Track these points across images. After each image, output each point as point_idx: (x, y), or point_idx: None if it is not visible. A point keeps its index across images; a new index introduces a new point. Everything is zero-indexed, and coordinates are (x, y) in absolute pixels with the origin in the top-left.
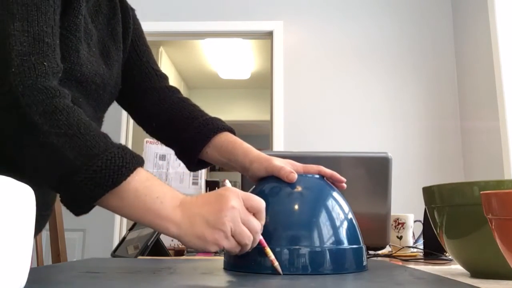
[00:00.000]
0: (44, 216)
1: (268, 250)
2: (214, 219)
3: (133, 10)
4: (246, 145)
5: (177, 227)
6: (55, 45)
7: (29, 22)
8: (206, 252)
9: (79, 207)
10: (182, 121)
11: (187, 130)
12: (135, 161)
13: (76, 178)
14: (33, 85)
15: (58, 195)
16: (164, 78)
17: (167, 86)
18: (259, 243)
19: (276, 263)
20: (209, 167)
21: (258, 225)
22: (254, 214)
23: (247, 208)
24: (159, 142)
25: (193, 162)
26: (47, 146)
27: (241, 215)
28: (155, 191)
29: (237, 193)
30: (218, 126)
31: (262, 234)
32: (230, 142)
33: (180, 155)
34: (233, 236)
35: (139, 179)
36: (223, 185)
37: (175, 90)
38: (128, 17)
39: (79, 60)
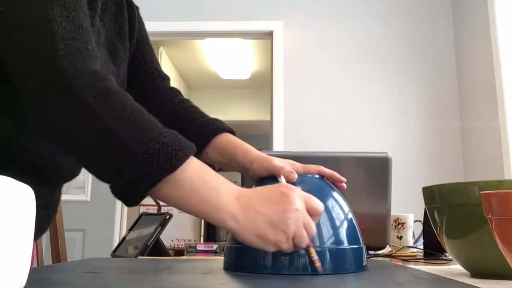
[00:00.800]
0: (50, 216)
1: (312, 250)
2: (278, 219)
3: (137, 8)
4: (246, 146)
5: (235, 221)
6: (91, 32)
7: (67, 8)
8: (209, 252)
9: (134, 195)
10: (183, 122)
11: (188, 131)
12: (189, 147)
13: (132, 162)
14: (82, 67)
15: (62, 195)
16: (166, 79)
17: (169, 88)
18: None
19: (319, 264)
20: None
21: (315, 228)
22: (311, 216)
23: (307, 210)
24: None
25: None
26: (102, 129)
27: (303, 218)
28: (211, 182)
29: (300, 193)
30: (218, 127)
31: None
32: (230, 143)
33: None
34: (292, 238)
35: (193, 168)
36: (279, 181)
37: (176, 92)
38: (134, 15)
39: None
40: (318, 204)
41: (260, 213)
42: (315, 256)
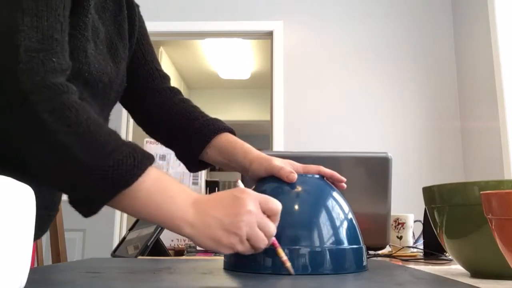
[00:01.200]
0: (50, 216)
1: (280, 250)
2: (230, 222)
3: (138, 6)
4: (246, 146)
5: (190, 227)
6: (64, 42)
7: (39, 18)
8: (209, 252)
9: (89, 209)
10: (183, 122)
11: (188, 131)
12: (146, 160)
13: (87, 179)
14: (41, 82)
15: (62, 195)
16: (167, 78)
17: (169, 87)
18: (272, 244)
19: (289, 264)
20: (209, 167)
21: (273, 228)
22: (269, 217)
23: (263, 211)
24: (159, 142)
25: (193, 163)
26: (57, 145)
27: (258, 219)
28: (168, 190)
29: (254, 196)
30: (218, 127)
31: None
32: (230, 143)
33: (180, 156)
34: (248, 240)
35: (150, 178)
36: (237, 186)
37: (176, 91)
38: (134, 14)
39: (87, 59)
40: (275, 204)
41: (213, 217)
42: (284, 257)
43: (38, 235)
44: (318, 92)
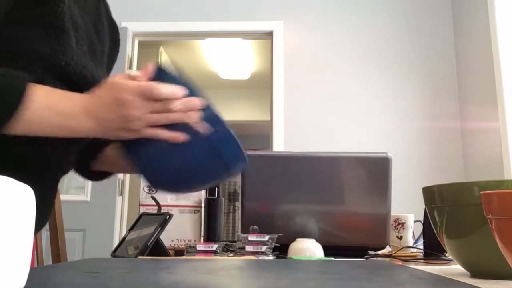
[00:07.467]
0: (48, 212)
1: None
2: (124, 125)
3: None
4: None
5: (93, 132)
6: None
7: None
8: (209, 252)
9: None
10: None
11: None
12: (21, 83)
13: None
14: None
15: (61, 195)
16: None
17: None
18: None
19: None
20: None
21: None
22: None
23: (155, 100)
24: None
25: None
26: None
27: (146, 111)
28: (57, 108)
29: (134, 91)
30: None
31: None
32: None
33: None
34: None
35: (37, 101)
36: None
37: None
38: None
39: (61, 48)
40: (159, 90)
41: (107, 120)
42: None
43: (37, 229)
44: (318, 92)
